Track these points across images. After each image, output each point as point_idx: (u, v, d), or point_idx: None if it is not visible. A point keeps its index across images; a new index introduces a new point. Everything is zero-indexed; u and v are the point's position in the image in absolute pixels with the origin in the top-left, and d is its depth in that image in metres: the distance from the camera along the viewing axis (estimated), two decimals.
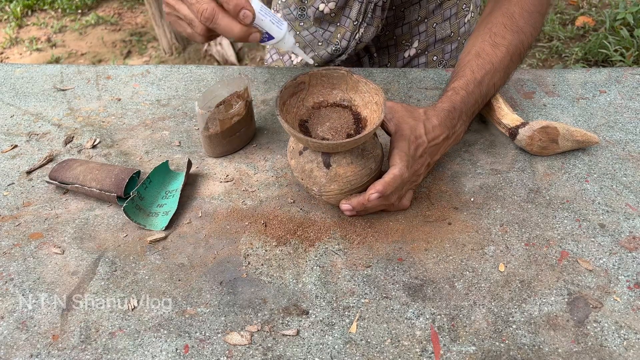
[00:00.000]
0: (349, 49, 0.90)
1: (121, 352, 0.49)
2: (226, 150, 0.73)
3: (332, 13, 0.88)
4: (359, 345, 0.49)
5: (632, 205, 0.63)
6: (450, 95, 0.65)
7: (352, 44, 0.89)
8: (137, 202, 0.62)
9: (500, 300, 0.53)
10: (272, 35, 0.56)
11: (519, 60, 0.70)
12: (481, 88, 0.66)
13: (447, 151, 0.66)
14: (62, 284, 0.56)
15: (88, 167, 0.66)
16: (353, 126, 0.59)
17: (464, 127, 0.67)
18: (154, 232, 0.61)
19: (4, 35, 2.91)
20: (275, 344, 0.50)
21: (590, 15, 2.75)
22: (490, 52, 0.67)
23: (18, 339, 0.51)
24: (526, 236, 0.59)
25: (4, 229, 0.62)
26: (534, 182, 0.67)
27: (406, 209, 0.63)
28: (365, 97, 0.59)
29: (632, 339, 0.49)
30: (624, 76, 0.86)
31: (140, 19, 3.10)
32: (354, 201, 0.58)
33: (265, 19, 0.55)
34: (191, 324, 0.52)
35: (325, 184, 0.58)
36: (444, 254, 0.58)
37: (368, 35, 0.88)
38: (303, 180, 0.60)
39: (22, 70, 0.94)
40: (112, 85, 0.89)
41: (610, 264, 0.56)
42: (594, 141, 0.70)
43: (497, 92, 0.72)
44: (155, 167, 0.66)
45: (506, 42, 0.68)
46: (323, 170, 0.57)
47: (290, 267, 0.57)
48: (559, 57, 2.48)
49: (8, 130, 0.79)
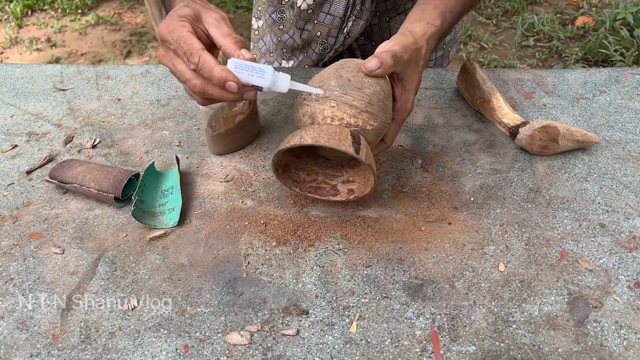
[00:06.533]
0: (337, 45, 0.90)
1: (121, 352, 0.49)
2: (229, 149, 0.73)
3: (310, 9, 0.87)
4: (359, 345, 0.49)
5: (632, 205, 0.63)
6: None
7: (340, 39, 0.89)
8: (140, 205, 0.62)
9: (500, 300, 0.53)
10: (259, 86, 0.55)
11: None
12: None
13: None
14: (62, 283, 0.56)
15: (88, 167, 0.66)
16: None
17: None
18: (155, 229, 0.61)
19: (4, 35, 2.91)
20: (275, 343, 0.50)
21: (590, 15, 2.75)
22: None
23: (18, 339, 0.51)
24: (526, 236, 0.59)
25: (4, 229, 0.62)
26: (534, 182, 0.67)
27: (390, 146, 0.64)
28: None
29: (632, 338, 0.49)
30: (624, 76, 0.86)
31: (140, 19, 3.10)
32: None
33: (243, 74, 0.54)
34: (191, 323, 0.52)
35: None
36: (444, 253, 0.58)
37: (357, 29, 0.87)
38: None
39: (22, 70, 0.94)
40: (112, 85, 0.89)
41: (610, 264, 0.56)
42: (594, 141, 0.70)
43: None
44: (145, 170, 0.67)
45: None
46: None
47: (290, 267, 0.57)
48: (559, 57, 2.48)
49: (8, 130, 0.79)
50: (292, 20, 0.90)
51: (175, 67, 0.56)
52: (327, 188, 0.63)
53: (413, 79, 0.61)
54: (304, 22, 0.90)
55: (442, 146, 0.73)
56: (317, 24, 0.89)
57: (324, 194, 0.62)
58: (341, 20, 0.87)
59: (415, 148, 0.73)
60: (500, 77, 0.87)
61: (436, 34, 0.63)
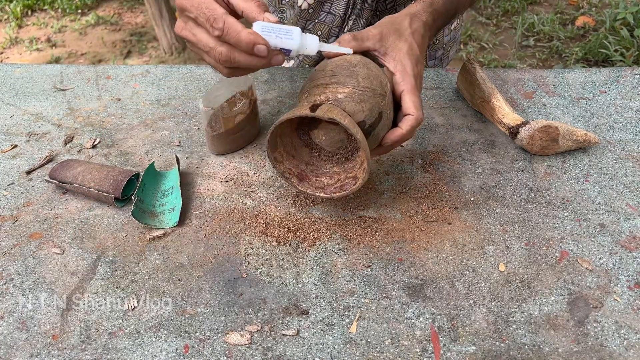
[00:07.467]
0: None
1: (121, 352, 0.49)
2: (230, 149, 0.73)
3: (311, 9, 0.87)
4: (359, 345, 0.49)
5: (632, 205, 0.63)
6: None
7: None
8: (140, 205, 0.62)
9: (500, 300, 0.53)
10: (288, 49, 0.54)
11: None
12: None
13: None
14: (62, 284, 0.56)
15: (88, 167, 0.66)
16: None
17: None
18: (155, 229, 0.61)
19: (4, 35, 2.91)
20: (275, 344, 0.50)
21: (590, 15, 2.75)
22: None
23: (18, 339, 0.51)
24: (526, 236, 0.59)
25: (4, 229, 0.62)
26: (534, 182, 0.67)
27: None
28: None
29: (632, 339, 0.49)
30: (624, 76, 0.86)
31: (140, 19, 3.10)
32: (376, 153, 0.59)
33: (270, 37, 0.52)
34: (191, 324, 0.52)
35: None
36: (444, 254, 0.58)
37: (358, 28, 0.87)
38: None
39: (22, 70, 0.94)
40: (112, 85, 0.89)
41: (610, 264, 0.56)
42: (594, 141, 0.70)
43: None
44: (145, 170, 0.67)
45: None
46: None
47: (290, 267, 0.57)
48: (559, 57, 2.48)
49: (8, 130, 0.79)
50: (293, 19, 0.90)
51: (197, 36, 0.53)
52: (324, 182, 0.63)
53: (399, 47, 0.59)
54: (304, 22, 0.90)
55: (442, 146, 0.73)
56: (317, 23, 0.89)
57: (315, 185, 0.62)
58: (342, 20, 0.87)
59: (415, 148, 0.73)
60: (500, 77, 0.87)
61: (426, 7, 0.63)
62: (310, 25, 0.90)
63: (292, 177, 0.61)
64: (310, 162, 0.63)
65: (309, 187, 0.61)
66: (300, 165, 0.62)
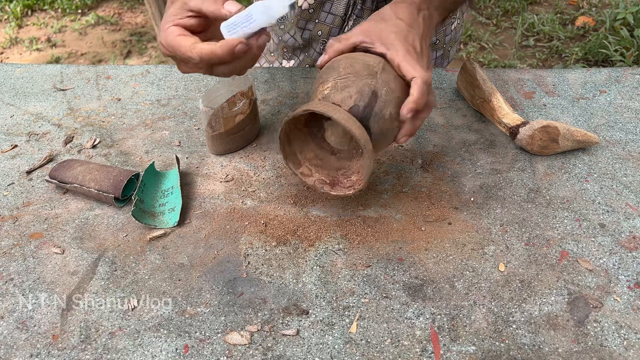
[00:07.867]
0: None
1: (121, 352, 0.49)
2: (229, 148, 0.73)
3: (311, 9, 0.88)
4: (359, 345, 0.49)
5: (632, 205, 0.63)
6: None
7: None
8: (140, 205, 0.62)
9: (500, 300, 0.53)
10: (261, 28, 0.54)
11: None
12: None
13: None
14: (62, 283, 0.56)
15: (88, 167, 0.66)
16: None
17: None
18: (155, 229, 0.61)
19: (4, 35, 2.91)
20: (275, 343, 0.50)
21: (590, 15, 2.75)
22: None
23: (18, 339, 0.51)
24: (526, 236, 0.59)
25: (4, 229, 0.62)
26: (534, 182, 0.67)
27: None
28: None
29: (632, 339, 0.49)
30: (624, 76, 0.86)
31: (140, 19, 3.10)
32: (402, 133, 0.57)
33: (237, 32, 0.53)
34: (191, 323, 0.52)
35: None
36: (444, 253, 0.58)
37: None
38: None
39: (22, 70, 0.94)
40: (112, 85, 0.89)
41: (610, 264, 0.56)
42: (594, 141, 0.70)
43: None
44: (145, 170, 0.67)
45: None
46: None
47: (290, 267, 0.57)
48: (559, 57, 2.48)
49: (8, 130, 0.79)
50: (293, 19, 0.90)
51: (188, 70, 0.58)
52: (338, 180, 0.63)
53: (385, 29, 0.59)
54: (305, 22, 0.90)
55: (442, 146, 0.73)
56: (318, 23, 0.89)
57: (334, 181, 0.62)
58: (342, 20, 0.87)
59: (415, 148, 0.73)
60: (500, 77, 0.87)
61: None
62: (310, 25, 0.90)
63: (324, 186, 0.61)
64: (341, 166, 0.63)
65: (341, 190, 0.61)
66: (332, 173, 0.62)
